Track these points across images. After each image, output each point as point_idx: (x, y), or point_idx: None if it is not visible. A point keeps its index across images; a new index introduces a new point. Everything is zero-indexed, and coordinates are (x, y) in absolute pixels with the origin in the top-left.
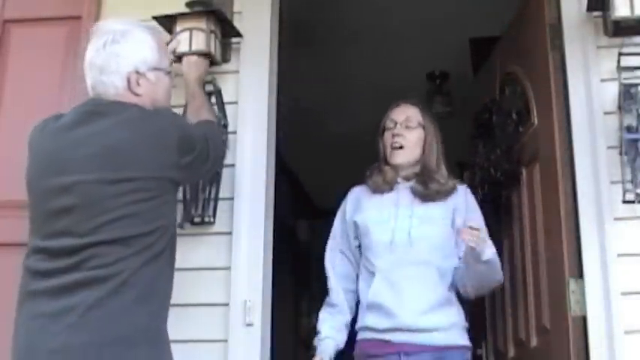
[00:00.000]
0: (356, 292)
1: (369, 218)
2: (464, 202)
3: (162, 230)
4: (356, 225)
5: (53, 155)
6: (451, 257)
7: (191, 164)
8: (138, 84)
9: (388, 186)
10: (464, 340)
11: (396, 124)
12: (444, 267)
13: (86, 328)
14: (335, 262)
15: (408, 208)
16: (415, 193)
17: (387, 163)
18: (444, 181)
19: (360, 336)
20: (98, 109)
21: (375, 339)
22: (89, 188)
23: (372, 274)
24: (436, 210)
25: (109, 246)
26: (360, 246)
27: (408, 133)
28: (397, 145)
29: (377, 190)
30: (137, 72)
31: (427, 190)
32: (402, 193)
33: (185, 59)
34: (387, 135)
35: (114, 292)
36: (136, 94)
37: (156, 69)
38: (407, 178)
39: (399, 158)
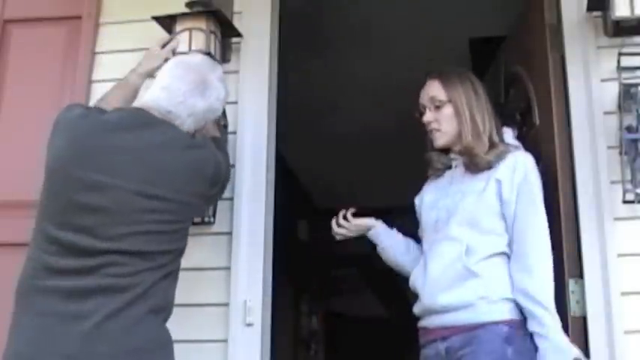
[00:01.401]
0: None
1: (424, 203)
2: (510, 177)
3: (178, 253)
4: (419, 214)
5: (96, 149)
6: (489, 234)
7: (215, 195)
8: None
9: (442, 169)
10: (496, 314)
11: (425, 108)
12: (475, 244)
13: (104, 338)
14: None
15: (458, 184)
16: (466, 167)
17: (433, 146)
18: (484, 151)
19: None
20: (150, 121)
21: (420, 327)
22: (124, 196)
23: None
24: (479, 182)
25: (129, 257)
26: None
27: (438, 113)
28: (432, 130)
29: (436, 174)
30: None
31: (472, 165)
32: (458, 169)
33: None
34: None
35: (131, 303)
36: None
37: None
38: (461, 153)
39: (439, 141)
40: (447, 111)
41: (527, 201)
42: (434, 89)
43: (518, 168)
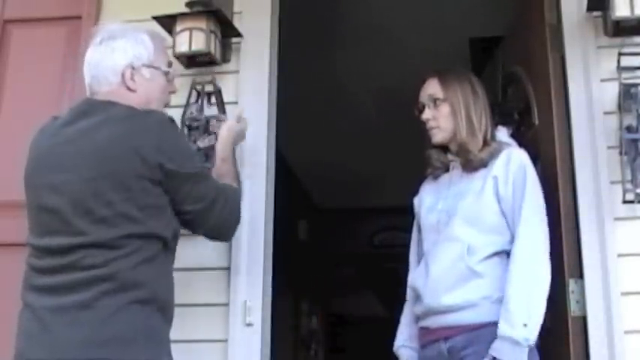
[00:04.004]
0: None
1: (423, 204)
2: (504, 171)
3: (154, 234)
4: (418, 215)
5: (46, 153)
6: (490, 233)
7: (177, 176)
8: (132, 79)
9: (441, 167)
10: (498, 314)
11: (424, 106)
12: (476, 243)
13: (82, 327)
14: (411, 255)
15: (456, 185)
16: (462, 167)
17: (433, 144)
18: (477, 148)
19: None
20: (89, 108)
21: (420, 327)
22: (73, 187)
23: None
24: (476, 181)
25: (100, 247)
26: None
27: (437, 111)
28: (431, 127)
29: (434, 175)
30: (132, 67)
31: (466, 162)
32: (455, 171)
33: (227, 124)
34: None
35: (107, 293)
36: (130, 89)
37: (151, 67)
38: (457, 152)
39: (437, 137)
40: (444, 109)
41: (521, 193)
42: (432, 87)
43: (512, 162)
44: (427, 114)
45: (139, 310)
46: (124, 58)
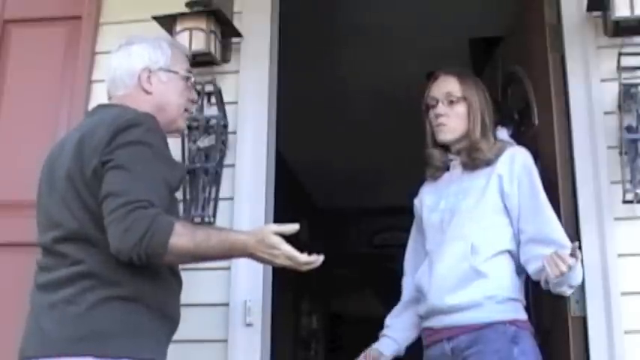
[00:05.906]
0: None
1: (425, 205)
2: (509, 169)
3: None
4: (419, 215)
5: (52, 157)
6: (493, 230)
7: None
8: (149, 82)
9: (442, 167)
10: (502, 314)
11: (437, 101)
12: (480, 241)
13: (68, 322)
14: (408, 255)
15: (458, 183)
16: (463, 165)
17: (435, 142)
18: (488, 148)
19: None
20: (96, 110)
21: (424, 327)
22: (59, 182)
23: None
24: (479, 179)
25: (77, 241)
26: None
27: (451, 109)
28: (442, 123)
29: (434, 175)
30: (149, 70)
31: (471, 161)
32: (455, 170)
33: (265, 239)
34: (431, 114)
35: (89, 289)
36: (147, 92)
37: (169, 71)
38: (458, 153)
39: (446, 136)
40: (460, 108)
41: (529, 189)
42: (450, 85)
43: (516, 161)
44: (441, 109)
45: (119, 306)
46: (140, 61)
